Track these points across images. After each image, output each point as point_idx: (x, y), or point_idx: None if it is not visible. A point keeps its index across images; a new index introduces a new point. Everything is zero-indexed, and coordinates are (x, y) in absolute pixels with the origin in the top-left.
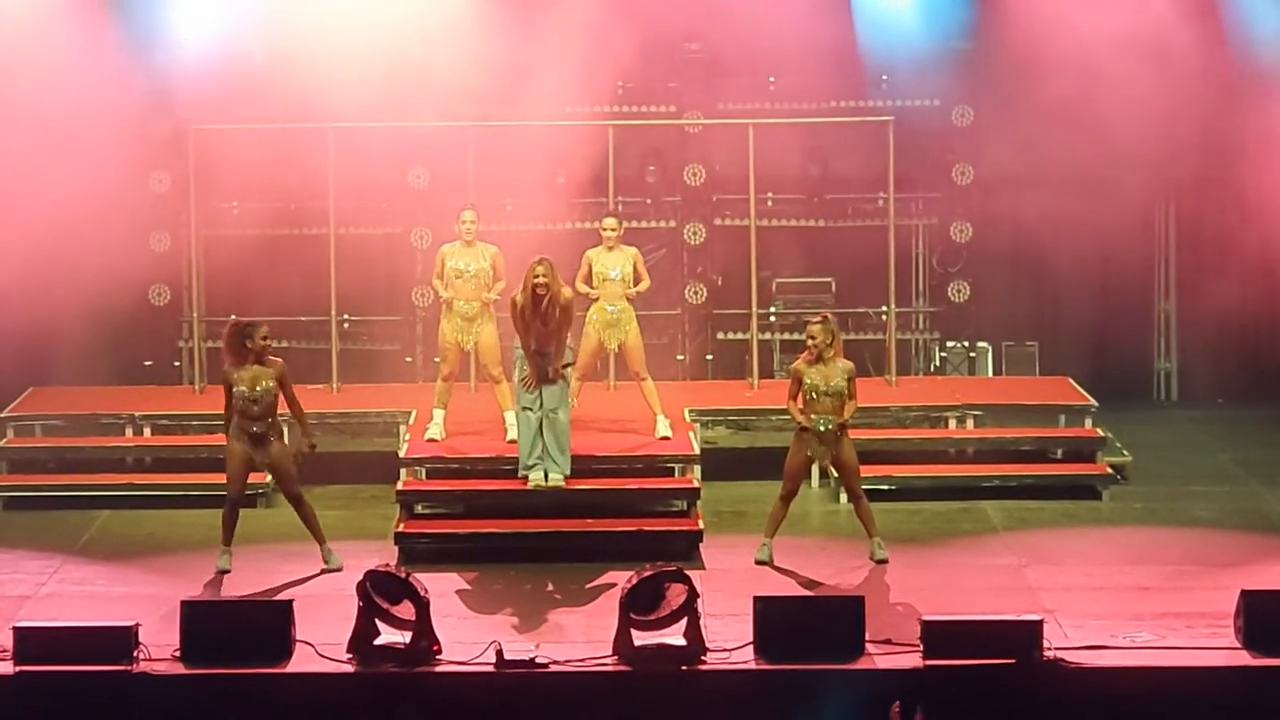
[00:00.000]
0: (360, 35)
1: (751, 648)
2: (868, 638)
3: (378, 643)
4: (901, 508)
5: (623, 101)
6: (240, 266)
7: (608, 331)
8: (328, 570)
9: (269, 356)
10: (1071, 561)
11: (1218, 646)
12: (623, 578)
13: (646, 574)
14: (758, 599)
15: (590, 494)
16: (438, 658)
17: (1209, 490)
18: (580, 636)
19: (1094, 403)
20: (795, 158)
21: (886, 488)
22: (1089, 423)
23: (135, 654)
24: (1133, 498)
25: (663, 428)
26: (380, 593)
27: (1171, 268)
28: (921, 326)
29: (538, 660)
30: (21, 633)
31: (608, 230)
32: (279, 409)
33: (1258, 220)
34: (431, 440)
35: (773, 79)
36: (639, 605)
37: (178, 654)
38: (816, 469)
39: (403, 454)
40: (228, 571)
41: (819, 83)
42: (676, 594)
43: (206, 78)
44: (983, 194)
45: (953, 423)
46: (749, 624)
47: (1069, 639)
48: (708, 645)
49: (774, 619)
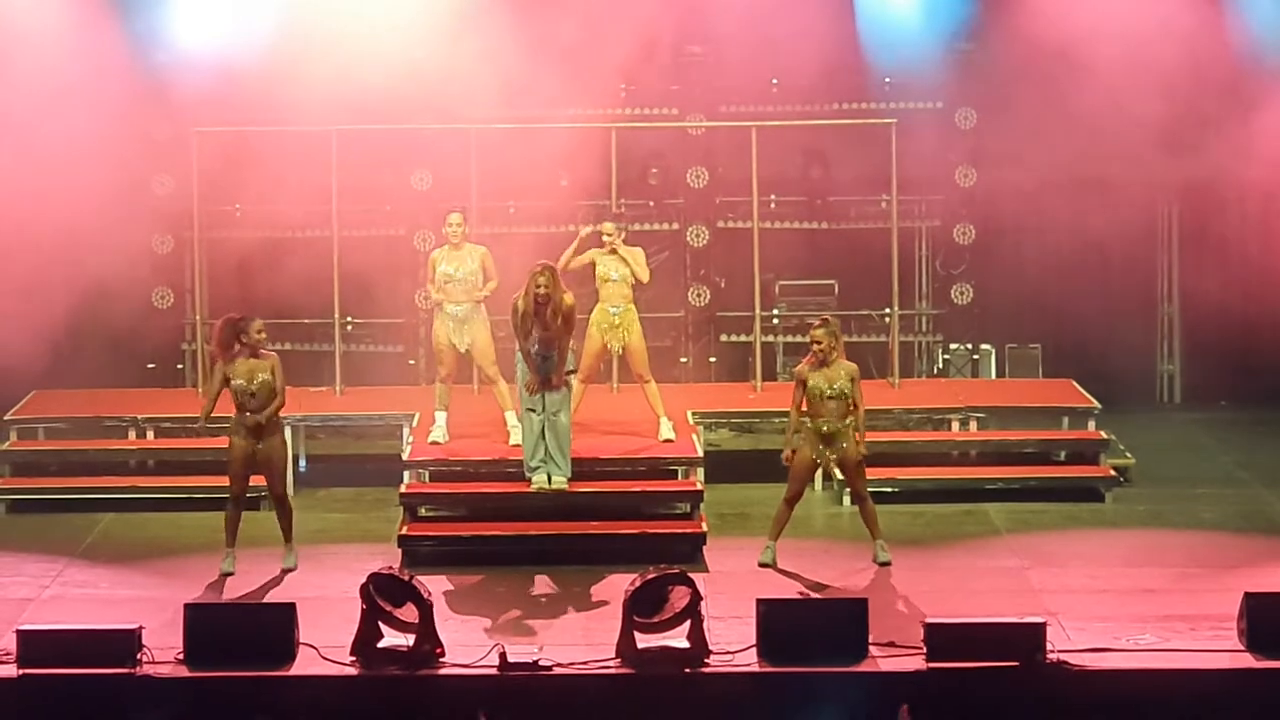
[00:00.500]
0: (363, 38)
1: (755, 650)
2: (871, 640)
3: (381, 645)
4: (904, 510)
5: (625, 104)
6: (243, 269)
7: (610, 334)
8: (284, 568)
9: (263, 350)
10: (1075, 564)
11: (1221, 649)
12: (626, 580)
13: (650, 577)
14: (761, 602)
15: (593, 496)
16: (441, 660)
17: (1212, 492)
18: (583, 639)
19: (1097, 405)
20: (798, 160)
21: (890, 490)
22: (1092, 425)
23: (138, 657)
24: (1136, 500)
25: (665, 430)
26: (383, 595)
27: (1174, 270)
28: (924, 329)
29: (541, 663)
30: (25, 636)
31: (606, 235)
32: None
33: (1260, 222)
34: (435, 443)
35: (775, 81)
36: (642, 608)
37: (181, 657)
38: (820, 471)
39: (406, 457)
40: (232, 574)
41: (821, 85)
42: (680, 597)
43: (209, 80)
44: (985, 196)
45: (956, 425)
46: (752, 626)
47: (1072, 641)
48: (711, 648)
49: (777, 621)
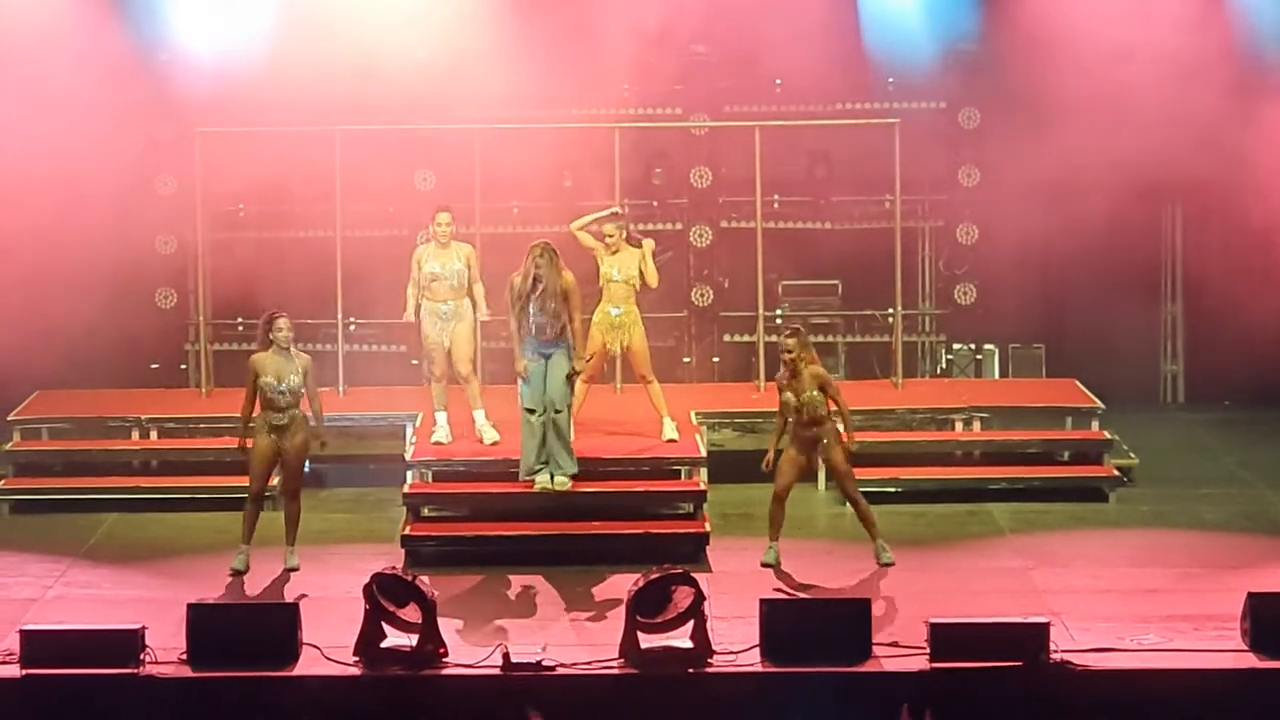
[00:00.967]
0: (366, 38)
1: (758, 650)
2: (874, 640)
3: (384, 645)
4: (908, 510)
5: (629, 104)
6: (246, 269)
7: (612, 334)
8: (287, 568)
9: (295, 351)
10: (1078, 564)
11: (1224, 649)
12: (629, 580)
13: (653, 577)
14: (764, 602)
15: (596, 497)
16: (444, 660)
17: (1216, 493)
18: (586, 639)
19: (1100, 405)
20: (801, 160)
21: (893, 490)
22: (1096, 425)
23: (142, 657)
24: (1139, 500)
25: (669, 430)
26: (387, 595)
27: (1178, 270)
28: (927, 329)
29: (544, 663)
30: (28, 636)
31: (608, 236)
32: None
33: (1264, 222)
34: (438, 444)
35: (779, 81)
36: (645, 608)
37: (184, 657)
38: (822, 471)
39: (409, 457)
40: (242, 572)
41: (825, 85)
42: (683, 597)
43: (212, 81)
44: (989, 196)
45: (959, 425)
46: (755, 626)
47: (1076, 641)
48: (714, 648)
49: (780, 621)
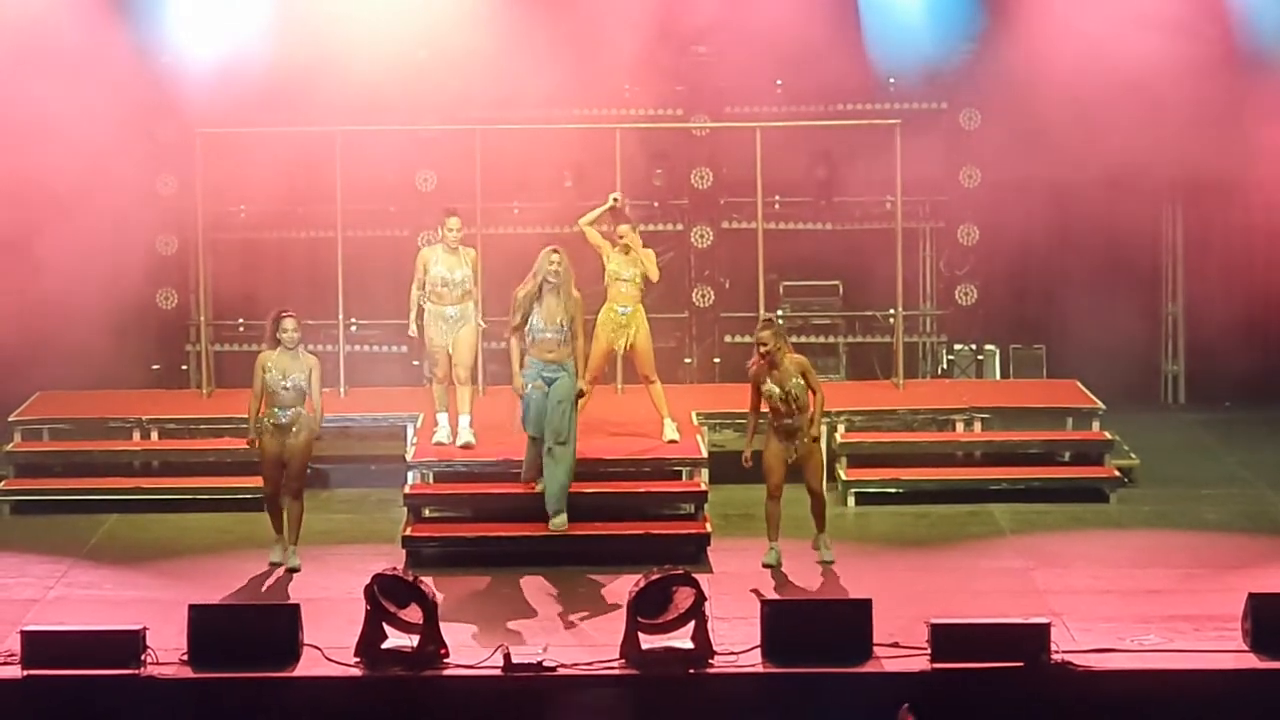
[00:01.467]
0: (367, 38)
1: (759, 651)
2: (875, 641)
3: (385, 646)
4: (909, 511)
5: (630, 105)
6: (247, 270)
7: (617, 332)
8: (288, 568)
9: (302, 351)
10: (1079, 564)
11: (1225, 649)
12: (630, 581)
13: (654, 577)
14: (765, 602)
15: (597, 497)
16: (445, 661)
17: (1216, 493)
18: (588, 640)
19: (1101, 406)
20: (802, 161)
21: (894, 491)
22: (1096, 425)
23: (143, 658)
24: (1140, 501)
25: (670, 431)
26: (388, 596)
27: (1179, 270)
28: (928, 329)
29: (545, 664)
30: (29, 637)
31: (620, 236)
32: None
33: (1265, 223)
34: (440, 444)
35: (780, 82)
36: (646, 608)
37: (185, 658)
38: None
39: (410, 458)
40: (281, 564)
41: (826, 86)
42: (684, 597)
43: (213, 81)
44: (990, 197)
45: (960, 426)
46: (757, 627)
47: (1077, 642)
48: (715, 648)
49: (781, 622)
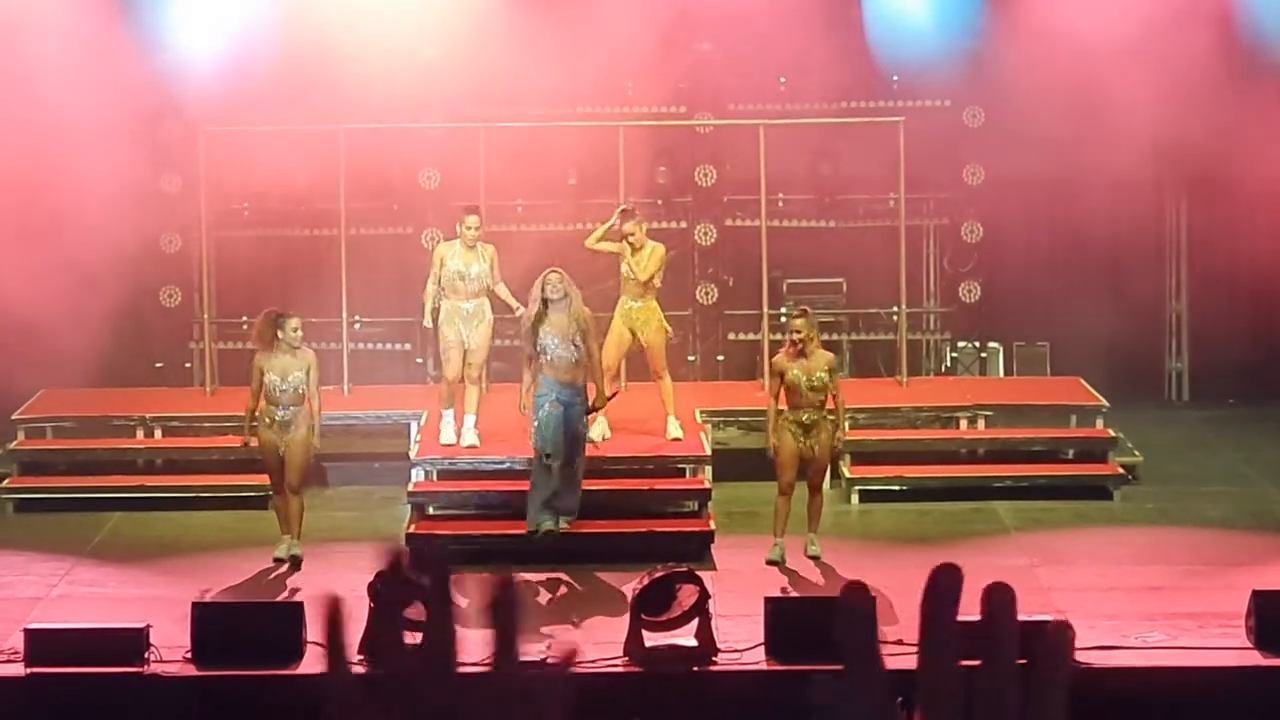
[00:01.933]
0: (371, 36)
1: (763, 648)
2: (879, 639)
3: None
4: (913, 508)
5: (633, 102)
6: (251, 268)
7: (630, 323)
8: (290, 556)
9: (301, 348)
10: (1083, 562)
11: (1229, 646)
12: (634, 579)
13: (657, 575)
14: (769, 600)
15: (601, 495)
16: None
17: (1220, 490)
18: (591, 637)
19: (1105, 403)
20: (806, 158)
21: (897, 488)
22: (1100, 423)
23: (146, 656)
24: (1144, 498)
25: (673, 429)
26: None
27: (1183, 267)
28: (932, 327)
29: (548, 661)
30: (33, 634)
31: (631, 235)
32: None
33: (1269, 219)
34: (449, 444)
35: (783, 79)
36: (650, 606)
37: (189, 656)
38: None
39: (413, 455)
40: (284, 560)
41: (830, 83)
42: (688, 595)
43: (217, 79)
44: (994, 194)
45: (964, 423)
46: (760, 625)
47: (1080, 639)
48: (719, 646)
49: (785, 620)
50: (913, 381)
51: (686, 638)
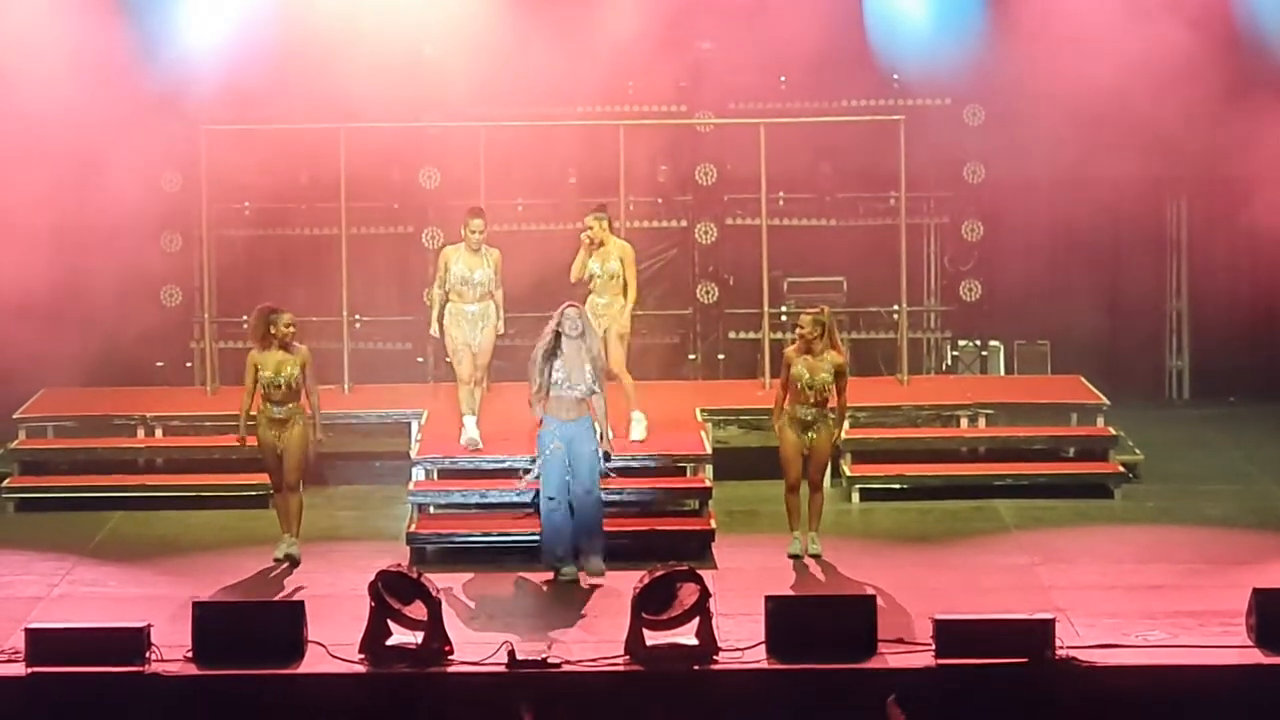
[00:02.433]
0: (371, 35)
1: (763, 647)
2: (880, 637)
3: (390, 643)
4: (913, 507)
5: (634, 101)
6: (252, 267)
7: (597, 323)
8: (286, 555)
9: (295, 345)
10: (1084, 560)
11: (1230, 645)
12: (634, 577)
13: (658, 573)
14: (769, 598)
15: (602, 493)
16: (450, 658)
17: (1221, 488)
18: (592, 636)
19: (1106, 401)
20: (806, 157)
21: (898, 486)
22: (1101, 421)
23: (147, 655)
24: (1145, 496)
25: (637, 430)
26: (392, 593)
27: (1183, 266)
28: (933, 325)
29: (549, 660)
30: (34, 634)
31: (590, 228)
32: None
33: (1269, 217)
34: (471, 444)
35: (784, 78)
36: (651, 605)
37: (189, 655)
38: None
39: (414, 454)
40: (283, 560)
41: (830, 82)
42: (688, 593)
43: (218, 78)
44: (994, 193)
45: (964, 421)
46: (761, 623)
47: (1081, 638)
48: (720, 645)
49: (786, 618)
50: (913, 380)
51: (687, 636)
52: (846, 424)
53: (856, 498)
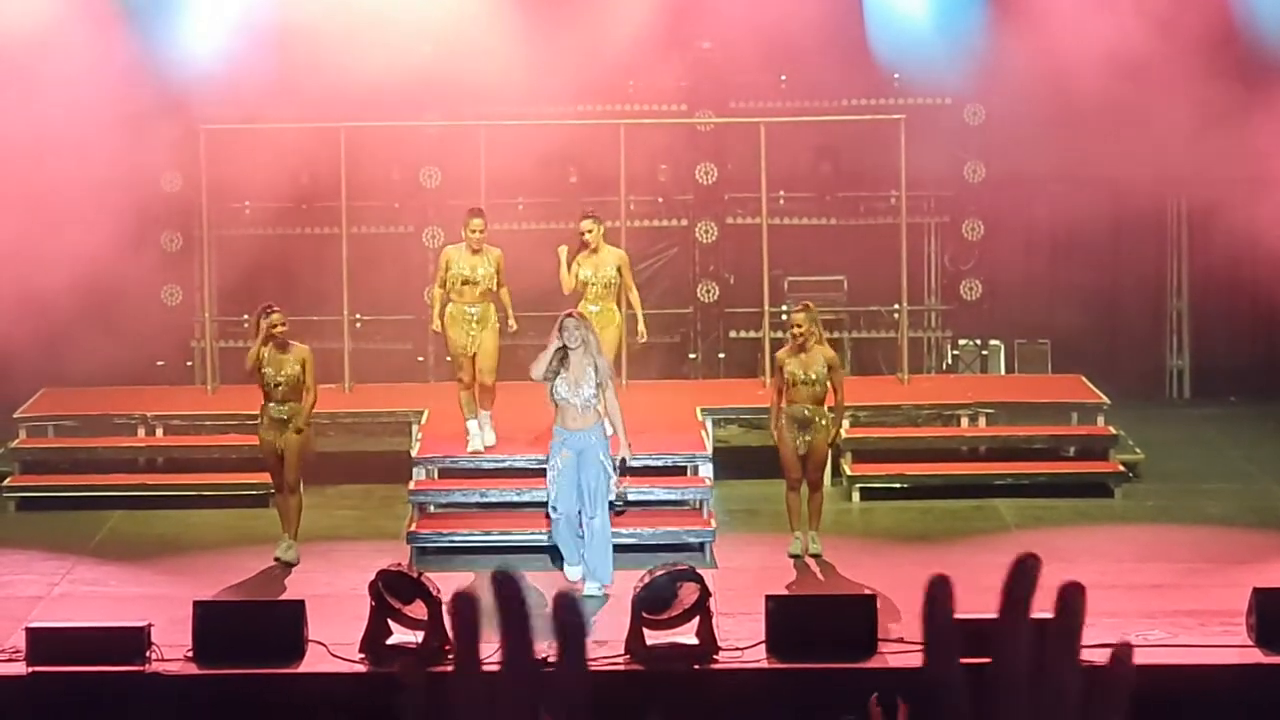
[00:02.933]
0: (372, 34)
1: (764, 646)
2: (880, 637)
3: (390, 642)
4: (914, 506)
5: (634, 100)
6: (252, 266)
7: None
8: (284, 562)
9: (294, 343)
10: (1084, 559)
11: (1230, 644)
12: (634, 577)
13: (658, 573)
14: (770, 598)
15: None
16: (450, 657)
17: (1221, 488)
18: (592, 635)
19: (1106, 400)
20: (807, 156)
21: (899, 486)
22: (1101, 420)
23: (148, 654)
24: (1145, 495)
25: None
26: (392, 592)
27: (1184, 265)
28: (933, 324)
29: (549, 659)
30: (34, 633)
31: (587, 232)
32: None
33: (1270, 217)
34: (476, 451)
35: (784, 77)
36: (651, 604)
37: (190, 654)
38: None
39: (415, 453)
40: (285, 561)
41: (830, 81)
42: (688, 593)
43: (218, 77)
44: (994, 192)
45: (965, 421)
46: (761, 623)
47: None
48: (720, 644)
49: (786, 618)
50: (914, 379)
51: (688, 636)
52: (847, 422)
53: (857, 497)
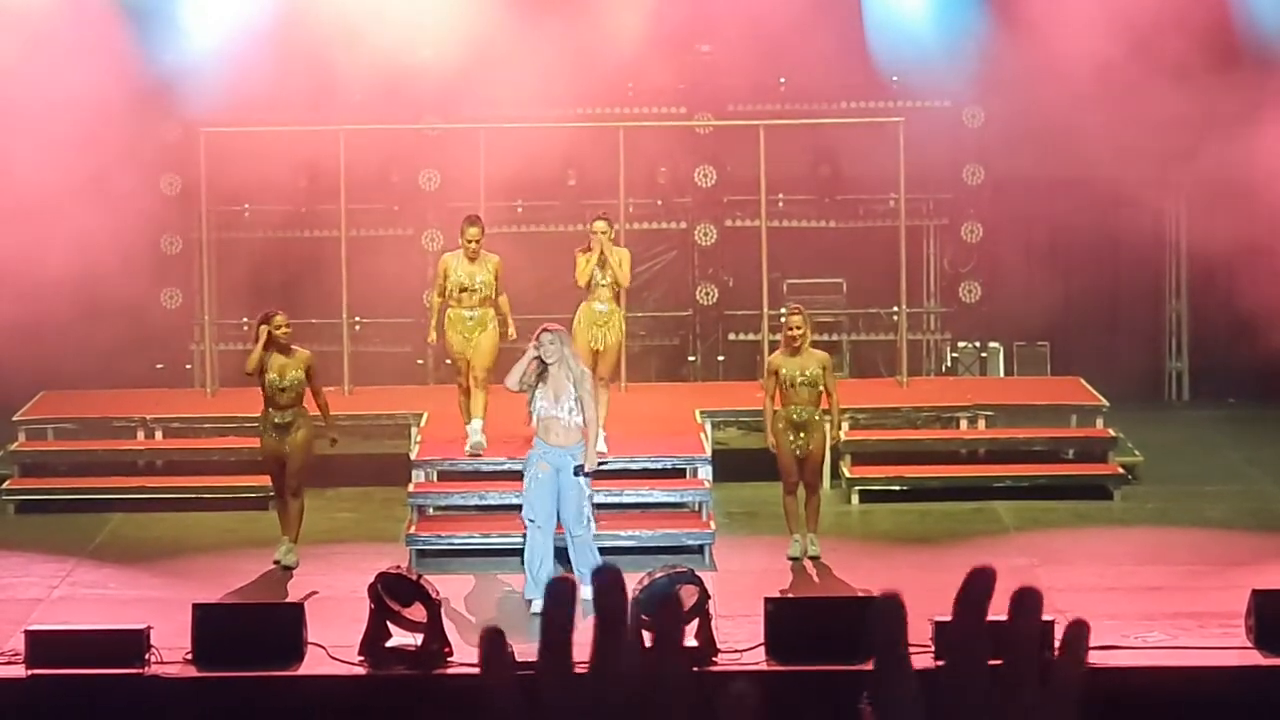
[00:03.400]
0: (371, 37)
1: (763, 649)
2: None
3: (389, 645)
4: (913, 508)
5: (633, 103)
6: (252, 269)
7: (594, 330)
8: (284, 566)
9: (296, 348)
10: (1083, 562)
11: (1229, 646)
12: (633, 579)
13: (658, 575)
14: (769, 600)
15: (601, 495)
16: (449, 660)
17: (1220, 490)
18: (592, 636)
19: (1105, 403)
20: (806, 159)
21: (898, 488)
22: (1100, 423)
23: (147, 657)
24: (1144, 498)
25: (600, 443)
26: (392, 595)
27: (1182, 267)
28: (932, 327)
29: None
30: (34, 636)
31: (601, 232)
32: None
33: (1269, 218)
34: (475, 451)
35: (783, 80)
36: (650, 607)
37: (189, 657)
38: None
39: (414, 456)
40: (285, 565)
41: (829, 84)
42: (688, 595)
43: (217, 80)
44: (993, 195)
45: (964, 423)
46: (760, 625)
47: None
48: (719, 646)
49: (785, 620)
50: (913, 382)
51: (687, 638)
52: (846, 424)
53: (856, 499)
